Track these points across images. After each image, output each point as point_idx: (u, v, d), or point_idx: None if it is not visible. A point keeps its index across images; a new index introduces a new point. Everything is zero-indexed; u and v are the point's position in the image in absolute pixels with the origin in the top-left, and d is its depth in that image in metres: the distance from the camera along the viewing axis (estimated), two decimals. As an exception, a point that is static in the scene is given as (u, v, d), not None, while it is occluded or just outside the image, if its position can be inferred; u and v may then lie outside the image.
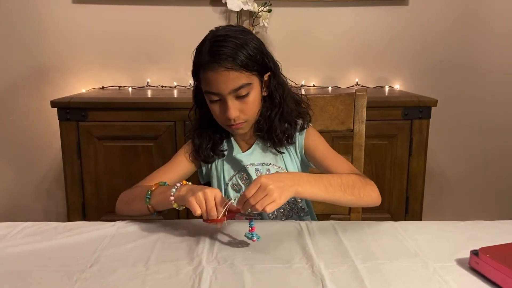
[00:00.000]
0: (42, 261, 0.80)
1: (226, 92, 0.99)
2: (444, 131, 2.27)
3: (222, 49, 0.98)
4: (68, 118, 1.81)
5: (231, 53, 0.98)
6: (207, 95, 1.03)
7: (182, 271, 0.76)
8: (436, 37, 2.23)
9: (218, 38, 1.00)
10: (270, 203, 0.80)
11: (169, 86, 2.21)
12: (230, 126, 1.05)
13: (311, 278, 0.73)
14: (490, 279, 0.72)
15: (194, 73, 1.05)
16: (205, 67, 0.99)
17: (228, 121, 1.03)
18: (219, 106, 1.02)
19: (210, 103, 1.04)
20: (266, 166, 1.12)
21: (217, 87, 0.99)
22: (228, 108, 1.00)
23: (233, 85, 0.99)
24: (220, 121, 1.06)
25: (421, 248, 0.85)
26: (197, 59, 1.03)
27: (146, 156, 1.86)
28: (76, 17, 2.15)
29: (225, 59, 0.97)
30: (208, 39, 1.03)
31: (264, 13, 2.04)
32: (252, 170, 1.11)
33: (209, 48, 1.00)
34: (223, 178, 1.14)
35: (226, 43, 0.99)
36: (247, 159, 1.12)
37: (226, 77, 0.98)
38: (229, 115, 1.01)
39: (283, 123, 1.09)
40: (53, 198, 2.30)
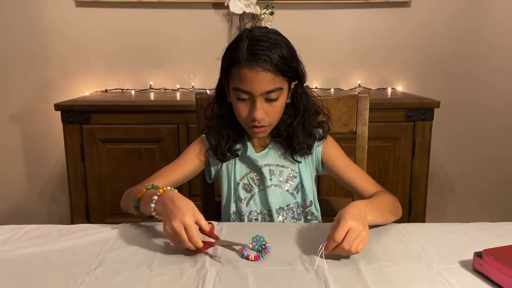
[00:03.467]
0: (47, 263, 0.80)
1: (258, 92, 0.99)
2: (447, 132, 2.27)
3: (262, 50, 0.98)
4: (71, 121, 1.81)
5: (271, 55, 0.98)
6: (236, 92, 1.02)
7: (186, 273, 0.76)
8: (438, 39, 2.23)
9: (258, 38, 1.00)
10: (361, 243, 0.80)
11: (172, 89, 2.22)
12: (252, 128, 1.04)
13: (315, 280, 0.74)
14: (493, 281, 0.72)
15: (224, 68, 1.04)
16: (241, 64, 0.98)
17: (252, 121, 1.02)
18: (245, 105, 1.02)
19: (237, 100, 1.03)
20: (280, 168, 1.12)
21: (251, 86, 0.99)
22: (256, 109, 1.00)
23: (267, 87, 0.99)
24: (243, 121, 1.05)
25: (425, 250, 0.85)
26: (232, 54, 1.01)
27: (149, 158, 1.86)
28: (80, 20, 2.16)
29: (265, 60, 0.97)
30: (245, 36, 1.01)
31: (267, 15, 2.04)
32: (267, 171, 1.11)
33: (248, 46, 0.99)
34: (234, 178, 1.13)
35: (267, 45, 0.99)
36: (262, 160, 1.12)
37: (262, 77, 0.98)
38: (256, 116, 1.00)
39: (304, 134, 1.09)
40: (57, 200, 2.31)
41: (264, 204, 1.12)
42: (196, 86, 2.23)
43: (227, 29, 2.20)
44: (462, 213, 2.38)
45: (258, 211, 1.12)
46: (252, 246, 0.84)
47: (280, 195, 1.11)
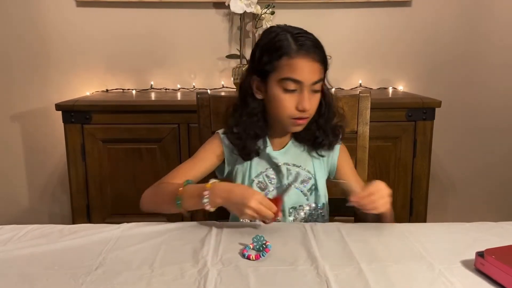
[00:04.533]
0: (48, 263, 0.80)
1: (309, 82, 1.01)
2: (448, 132, 2.26)
3: (311, 41, 1.02)
4: (72, 121, 1.81)
5: (319, 46, 1.03)
6: (284, 83, 1.02)
7: (187, 273, 0.76)
8: (439, 38, 2.22)
9: (300, 31, 1.03)
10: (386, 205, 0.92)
11: (173, 89, 2.22)
12: (296, 120, 1.04)
13: (316, 280, 0.73)
14: (495, 281, 0.72)
15: (265, 62, 1.04)
16: (292, 54, 1.00)
17: (298, 113, 1.03)
18: (292, 96, 1.02)
19: (283, 92, 1.02)
20: (297, 168, 1.13)
21: (302, 75, 1.00)
22: (304, 99, 1.01)
23: (315, 77, 1.02)
24: (286, 113, 1.04)
25: (427, 249, 0.85)
26: (277, 47, 1.01)
27: (150, 158, 1.87)
28: (80, 20, 2.16)
29: (314, 51, 1.01)
30: (281, 31, 1.03)
31: (267, 15, 2.04)
32: (285, 169, 1.11)
33: (295, 38, 1.01)
34: (249, 175, 1.12)
35: (311, 37, 1.03)
36: (282, 158, 1.12)
37: (313, 67, 1.01)
38: (305, 106, 1.01)
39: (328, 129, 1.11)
40: (58, 200, 2.31)
41: None
42: (197, 86, 2.23)
43: (228, 29, 2.20)
44: (464, 213, 2.37)
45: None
46: (252, 246, 0.84)
47: (295, 195, 1.12)
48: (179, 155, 1.87)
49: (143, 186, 1.86)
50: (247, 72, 1.11)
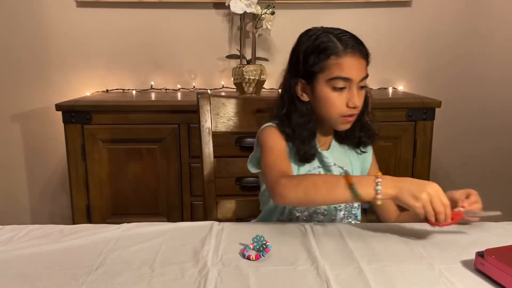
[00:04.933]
0: (48, 263, 0.80)
1: (358, 78, 1.03)
2: (448, 132, 2.27)
3: (354, 39, 1.04)
4: (72, 121, 1.81)
5: (362, 43, 1.04)
6: (333, 82, 1.02)
7: (187, 273, 0.76)
8: (439, 38, 2.23)
9: (340, 30, 1.05)
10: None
11: (173, 89, 2.22)
12: (345, 117, 1.05)
13: (316, 280, 0.73)
14: (495, 281, 0.72)
15: (310, 64, 1.04)
16: (340, 53, 1.01)
17: (348, 110, 1.04)
18: (340, 95, 1.03)
19: (332, 91, 1.03)
20: (340, 168, 1.13)
21: (351, 72, 1.02)
22: (354, 96, 1.03)
23: (363, 73, 1.04)
24: (336, 111, 1.05)
25: (427, 249, 0.85)
26: (321, 48, 1.03)
27: (150, 158, 1.87)
28: (81, 20, 2.17)
29: (359, 48, 1.03)
30: (325, 31, 1.05)
31: (267, 15, 2.04)
32: (337, 171, 1.12)
33: (339, 37, 1.03)
34: (298, 172, 1.11)
35: (353, 34, 1.05)
36: (332, 158, 1.13)
37: (361, 64, 1.03)
38: (356, 102, 1.03)
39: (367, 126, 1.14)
40: (58, 201, 2.31)
41: None
42: (197, 86, 2.23)
43: (228, 29, 2.20)
44: (464, 213, 2.37)
45: (313, 209, 1.11)
46: (253, 246, 0.84)
47: None
48: (179, 155, 1.87)
49: (143, 186, 1.88)
50: (288, 76, 1.10)
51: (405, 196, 0.86)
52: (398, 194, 0.87)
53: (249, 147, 1.79)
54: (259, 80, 2.01)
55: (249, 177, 1.79)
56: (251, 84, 2.01)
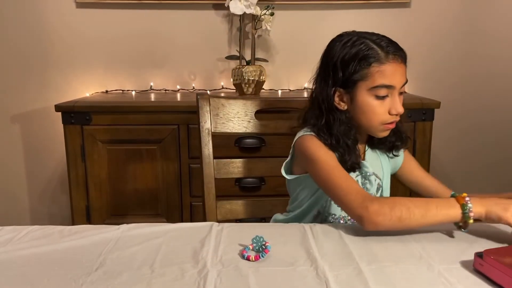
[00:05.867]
0: (48, 264, 0.80)
1: (400, 84, 1.02)
2: (447, 133, 2.27)
3: (392, 45, 1.02)
4: (72, 122, 1.82)
5: (401, 47, 1.03)
6: (376, 90, 1.01)
7: (187, 274, 0.76)
8: (438, 39, 2.23)
9: (378, 36, 1.03)
10: None
11: (173, 90, 2.22)
12: (387, 125, 1.04)
13: (316, 280, 0.74)
14: (494, 281, 0.72)
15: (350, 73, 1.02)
16: (382, 60, 1.00)
17: (391, 117, 1.03)
18: (382, 103, 1.02)
19: (374, 99, 1.02)
20: (374, 176, 1.12)
21: (394, 80, 1.00)
22: (397, 103, 1.02)
23: (404, 78, 1.03)
24: (378, 120, 1.03)
25: (426, 250, 0.85)
26: (364, 54, 1.00)
27: (150, 159, 1.87)
28: (80, 21, 2.17)
29: (400, 53, 1.02)
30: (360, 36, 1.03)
31: (267, 16, 2.05)
32: (373, 179, 1.11)
33: (377, 44, 1.01)
34: None
35: (390, 39, 1.03)
36: (370, 167, 1.11)
37: (402, 69, 1.02)
38: (399, 110, 1.02)
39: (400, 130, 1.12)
40: (58, 201, 2.31)
41: None
42: (196, 87, 2.24)
43: (227, 30, 2.20)
44: (463, 213, 2.37)
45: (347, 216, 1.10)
46: (252, 247, 0.84)
47: None
48: (178, 156, 1.87)
49: (143, 187, 1.88)
50: (323, 84, 1.06)
51: (494, 209, 0.86)
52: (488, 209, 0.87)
53: (249, 148, 1.80)
54: (258, 81, 2.01)
55: (248, 178, 1.80)
56: (251, 85, 2.01)
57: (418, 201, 0.92)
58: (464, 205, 0.86)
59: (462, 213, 0.86)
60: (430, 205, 0.89)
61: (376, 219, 0.89)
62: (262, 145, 1.79)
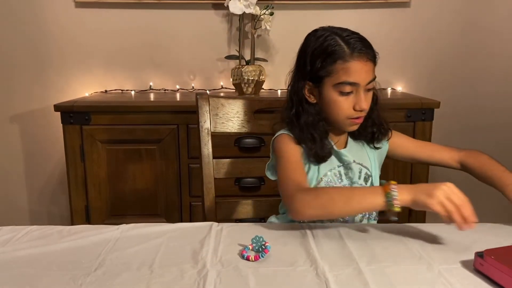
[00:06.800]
0: (47, 264, 0.80)
1: (365, 82, 1.02)
2: (447, 133, 2.27)
3: (361, 41, 1.02)
4: (71, 122, 1.81)
5: (369, 45, 1.03)
6: (340, 87, 1.02)
7: (186, 274, 0.76)
8: (438, 39, 2.23)
9: (348, 32, 1.04)
10: None
11: (172, 90, 2.22)
12: (353, 120, 1.05)
13: (316, 281, 0.73)
14: (495, 281, 0.72)
15: (318, 68, 1.04)
16: (346, 57, 1.01)
17: (355, 113, 1.04)
18: (347, 99, 1.03)
19: (339, 95, 1.03)
20: (359, 165, 1.13)
21: (358, 77, 1.01)
22: (361, 99, 1.03)
23: (370, 76, 1.03)
24: (343, 115, 1.05)
25: (426, 250, 0.85)
26: (328, 52, 1.02)
27: (149, 159, 1.86)
28: (79, 21, 2.16)
29: (366, 51, 1.02)
30: (329, 34, 1.04)
31: (266, 16, 2.04)
32: (356, 168, 1.12)
33: (346, 40, 1.02)
34: (318, 174, 1.11)
35: (359, 36, 1.03)
36: (351, 155, 1.12)
37: (368, 67, 1.02)
38: (363, 106, 1.03)
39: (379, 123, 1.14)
40: (57, 201, 2.30)
41: None
42: (196, 86, 2.23)
43: (226, 30, 2.20)
44: (463, 213, 2.37)
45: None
46: (252, 247, 0.84)
47: None
48: (178, 156, 1.87)
49: (143, 187, 1.88)
50: (296, 77, 1.10)
51: (420, 198, 0.86)
52: (412, 198, 0.87)
53: (248, 147, 1.80)
54: (258, 81, 2.01)
55: (248, 178, 1.79)
56: (250, 85, 2.01)
57: (344, 189, 0.98)
58: (388, 193, 0.87)
59: (385, 201, 0.87)
60: (355, 193, 0.93)
61: (299, 208, 0.93)
62: (261, 145, 1.79)
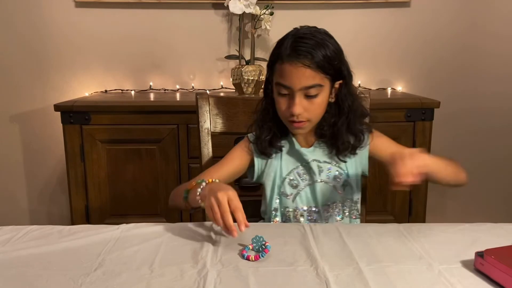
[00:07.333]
0: (47, 264, 0.80)
1: (297, 88, 1.02)
2: (447, 133, 2.27)
3: (304, 46, 1.01)
4: (71, 121, 1.81)
5: (312, 51, 1.01)
6: (278, 87, 1.05)
7: (186, 274, 0.76)
8: (438, 38, 2.23)
9: (301, 35, 1.04)
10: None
11: (172, 90, 2.22)
12: (291, 123, 1.06)
13: (316, 280, 0.73)
14: (495, 281, 0.72)
15: (269, 64, 1.09)
16: (283, 59, 1.02)
17: (291, 116, 1.04)
18: (285, 100, 1.05)
19: (278, 95, 1.06)
20: (328, 164, 1.13)
21: (290, 81, 1.02)
22: (294, 104, 1.02)
23: (306, 82, 1.02)
24: (282, 115, 1.07)
25: (426, 250, 0.85)
26: (277, 50, 1.05)
27: (149, 159, 1.86)
28: (79, 21, 2.16)
29: (305, 56, 1.00)
30: (291, 34, 1.05)
31: (266, 16, 2.04)
32: (315, 166, 1.12)
33: (291, 42, 1.03)
34: (281, 173, 1.13)
35: (309, 41, 1.02)
36: (311, 155, 1.13)
37: (301, 73, 1.01)
38: (294, 110, 1.03)
39: (349, 134, 1.10)
40: (57, 201, 2.30)
41: (310, 200, 1.13)
42: (196, 86, 2.23)
43: (226, 30, 2.20)
44: (462, 213, 2.38)
45: (304, 207, 1.13)
46: (252, 247, 0.84)
47: (327, 192, 1.12)
48: (178, 155, 1.87)
49: (142, 186, 1.88)
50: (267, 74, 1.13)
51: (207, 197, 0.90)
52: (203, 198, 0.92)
53: (248, 147, 1.80)
54: (258, 81, 2.01)
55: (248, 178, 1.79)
56: (250, 85, 2.01)
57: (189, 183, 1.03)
58: (186, 190, 0.99)
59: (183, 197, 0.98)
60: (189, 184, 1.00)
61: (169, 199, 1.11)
62: (261, 145, 1.79)
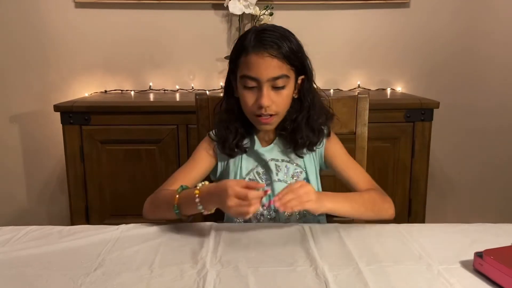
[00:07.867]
0: (47, 264, 0.80)
1: (265, 78, 1.00)
2: (446, 133, 2.27)
3: (270, 37, 1.00)
4: (71, 122, 1.81)
5: (277, 41, 1.00)
6: (244, 80, 1.02)
7: (186, 274, 0.76)
8: (438, 39, 2.23)
9: (263, 29, 1.03)
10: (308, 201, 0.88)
11: (172, 90, 2.22)
12: (259, 118, 1.04)
13: (315, 280, 0.73)
14: (494, 281, 0.72)
15: (232, 59, 1.06)
16: (249, 51, 1.00)
17: (259, 110, 1.02)
18: (252, 93, 1.03)
19: (244, 89, 1.03)
20: (286, 163, 1.13)
21: (257, 72, 1.00)
22: (262, 96, 1.01)
23: (274, 73, 1.00)
24: (249, 111, 1.05)
25: (425, 250, 0.85)
26: (240, 45, 1.04)
27: (149, 159, 1.86)
28: (79, 21, 2.16)
29: (271, 46, 1.00)
30: (252, 29, 1.05)
31: (266, 16, 2.05)
32: (273, 165, 1.12)
33: (255, 35, 1.02)
34: (240, 173, 1.13)
35: (273, 33, 1.02)
36: (269, 154, 1.12)
37: (268, 63, 0.99)
38: (263, 102, 1.00)
39: (308, 129, 1.09)
40: (57, 202, 2.30)
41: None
42: (195, 87, 2.23)
43: (226, 30, 2.20)
44: (462, 214, 2.38)
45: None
46: None
47: None
48: (178, 156, 1.87)
49: (142, 187, 1.88)
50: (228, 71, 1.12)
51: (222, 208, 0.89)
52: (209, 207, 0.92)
53: (248, 148, 1.80)
54: (257, 81, 2.01)
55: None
56: (250, 85, 2.01)
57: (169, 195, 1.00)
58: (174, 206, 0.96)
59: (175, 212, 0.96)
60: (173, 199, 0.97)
61: (143, 208, 1.06)
62: (261, 145, 1.79)
